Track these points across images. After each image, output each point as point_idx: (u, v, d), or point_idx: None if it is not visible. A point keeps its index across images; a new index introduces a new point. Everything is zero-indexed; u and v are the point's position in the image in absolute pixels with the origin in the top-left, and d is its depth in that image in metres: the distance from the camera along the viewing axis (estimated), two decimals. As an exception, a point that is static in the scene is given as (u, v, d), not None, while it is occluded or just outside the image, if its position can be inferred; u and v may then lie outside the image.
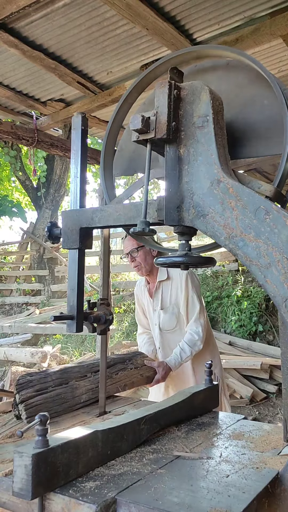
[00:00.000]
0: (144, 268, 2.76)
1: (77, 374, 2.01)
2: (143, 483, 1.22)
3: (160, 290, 2.80)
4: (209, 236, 1.32)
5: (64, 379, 1.93)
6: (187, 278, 2.70)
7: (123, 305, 9.40)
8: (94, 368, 2.10)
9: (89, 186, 13.88)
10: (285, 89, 1.45)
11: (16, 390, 1.80)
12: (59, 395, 1.85)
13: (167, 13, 3.10)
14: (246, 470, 1.31)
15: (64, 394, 1.87)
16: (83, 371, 2.05)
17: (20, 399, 1.76)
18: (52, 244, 11.23)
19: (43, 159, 11.18)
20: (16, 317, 9.80)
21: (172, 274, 2.76)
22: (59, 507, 1.15)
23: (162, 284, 2.80)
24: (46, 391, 1.83)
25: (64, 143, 4.90)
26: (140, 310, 3.01)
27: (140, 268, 2.77)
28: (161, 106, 1.35)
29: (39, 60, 3.61)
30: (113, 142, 1.91)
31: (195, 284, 2.74)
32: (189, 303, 2.71)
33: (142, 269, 2.77)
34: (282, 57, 3.86)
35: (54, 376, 1.92)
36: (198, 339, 2.61)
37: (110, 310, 1.77)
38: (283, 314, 1.16)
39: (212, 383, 2.00)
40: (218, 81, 1.65)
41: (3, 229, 23.68)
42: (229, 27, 3.28)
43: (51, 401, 1.81)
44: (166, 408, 1.68)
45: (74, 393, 1.91)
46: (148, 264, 2.75)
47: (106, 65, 3.81)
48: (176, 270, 2.66)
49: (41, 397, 1.79)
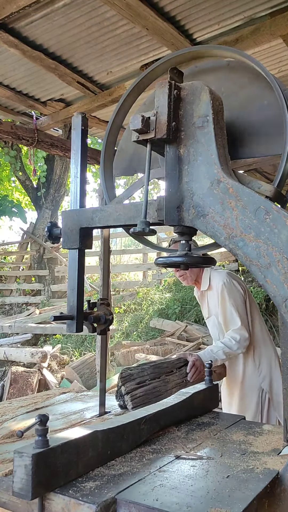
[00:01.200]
0: (189, 277, 2.68)
1: (166, 369, 2.18)
2: (143, 483, 1.22)
3: (205, 299, 2.74)
4: (209, 236, 1.32)
5: (157, 373, 2.09)
6: (222, 288, 2.57)
7: (123, 305, 9.40)
8: (177, 364, 2.30)
9: (89, 186, 13.87)
10: (285, 89, 1.45)
11: (121, 382, 1.97)
12: (155, 388, 2.01)
13: (167, 13, 3.10)
14: (246, 470, 1.31)
15: (159, 387, 2.03)
16: (170, 366, 2.22)
17: (126, 391, 1.93)
18: (52, 244, 11.23)
19: (43, 159, 11.18)
20: (16, 317, 9.80)
21: (213, 283, 2.65)
22: (59, 507, 1.15)
23: (207, 294, 2.72)
24: (144, 384, 1.99)
25: (64, 143, 4.90)
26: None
27: (186, 277, 2.69)
28: (161, 106, 1.35)
29: (39, 60, 3.61)
30: (113, 142, 1.91)
31: (233, 295, 2.57)
32: (227, 317, 2.57)
33: (187, 278, 2.69)
34: (282, 57, 3.85)
35: (149, 370, 2.08)
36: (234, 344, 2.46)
37: (110, 310, 1.77)
38: (283, 314, 1.16)
39: (212, 383, 2.00)
40: (218, 81, 1.65)
41: (3, 229, 23.66)
42: (229, 27, 3.28)
43: (150, 393, 1.97)
44: (166, 408, 1.68)
45: (167, 386, 2.08)
46: (194, 274, 2.67)
47: (106, 65, 3.81)
48: (216, 279, 2.61)
49: (142, 389, 1.96)
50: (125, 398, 1.94)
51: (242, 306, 2.59)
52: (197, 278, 2.71)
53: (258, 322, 2.68)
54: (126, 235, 2.18)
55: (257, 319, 2.69)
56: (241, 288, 2.63)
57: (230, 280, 2.60)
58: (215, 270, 2.70)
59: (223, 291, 2.57)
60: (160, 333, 7.71)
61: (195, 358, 2.32)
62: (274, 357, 2.70)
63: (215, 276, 2.63)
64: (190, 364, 2.29)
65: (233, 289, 2.59)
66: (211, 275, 2.65)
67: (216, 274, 2.64)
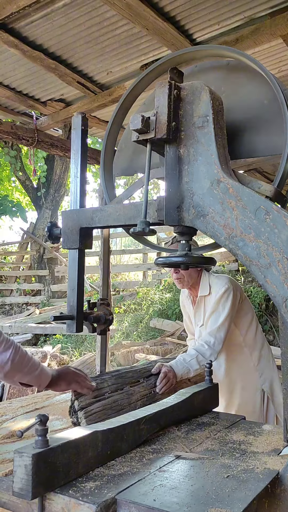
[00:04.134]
0: (186, 281, 2.55)
1: (130, 379, 1.92)
2: (143, 483, 1.22)
3: (202, 305, 2.60)
4: (209, 236, 1.33)
5: (119, 384, 1.85)
6: (222, 294, 2.47)
7: (123, 305, 9.40)
8: (146, 373, 2.03)
9: (89, 186, 13.88)
10: (285, 89, 1.45)
11: (74, 396, 1.71)
12: (116, 402, 1.77)
13: (167, 13, 3.10)
14: (246, 470, 1.31)
15: (120, 401, 1.79)
16: (136, 376, 1.97)
17: (80, 406, 1.67)
18: (52, 244, 11.23)
19: (43, 159, 11.19)
20: (16, 317, 9.80)
21: (213, 289, 2.54)
22: (59, 507, 1.15)
23: (205, 299, 2.58)
24: (103, 398, 1.75)
25: (64, 143, 4.90)
26: (187, 317, 2.84)
27: (182, 281, 2.56)
28: (161, 106, 1.35)
29: (39, 60, 3.60)
30: (113, 142, 1.91)
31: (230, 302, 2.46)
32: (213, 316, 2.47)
33: (184, 282, 2.56)
34: (282, 57, 3.85)
35: (110, 381, 1.84)
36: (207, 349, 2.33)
37: (110, 310, 1.76)
38: (283, 314, 1.16)
39: (212, 383, 2.00)
40: (218, 81, 1.65)
41: (3, 229, 23.67)
42: (229, 27, 3.28)
43: (109, 408, 1.73)
44: (166, 408, 1.68)
45: (130, 399, 1.84)
46: (192, 278, 2.55)
47: (106, 65, 3.81)
48: (217, 285, 2.50)
49: (99, 404, 1.72)
50: (78, 414, 1.67)
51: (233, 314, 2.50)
52: (194, 284, 2.59)
53: (255, 324, 2.66)
54: (126, 235, 2.18)
55: (254, 320, 2.67)
56: (239, 294, 2.57)
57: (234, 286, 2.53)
58: (214, 276, 2.60)
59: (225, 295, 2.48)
60: (160, 333, 7.72)
61: (167, 369, 2.11)
62: (272, 357, 2.70)
63: (216, 282, 2.53)
64: (161, 375, 2.06)
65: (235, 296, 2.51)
66: (211, 280, 2.55)
67: (217, 280, 2.54)
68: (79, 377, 1.68)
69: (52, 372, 1.62)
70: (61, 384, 1.63)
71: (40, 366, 1.56)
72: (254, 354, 2.61)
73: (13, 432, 1.70)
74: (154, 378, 2.03)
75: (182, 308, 2.87)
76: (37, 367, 1.54)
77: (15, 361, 1.46)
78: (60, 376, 1.64)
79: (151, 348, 6.41)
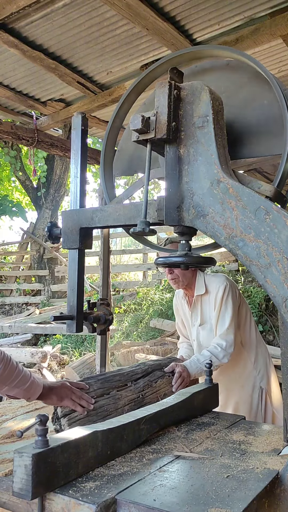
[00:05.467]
0: (181, 282, 2.55)
1: (117, 383, 1.85)
2: (143, 483, 1.22)
3: (198, 305, 2.61)
4: (209, 236, 1.33)
5: (105, 388, 1.78)
6: (225, 291, 2.49)
7: (123, 305, 9.40)
8: (134, 376, 1.95)
9: (89, 186, 13.87)
10: (285, 89, 1.45)
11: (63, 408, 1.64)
12: (102, 407, 1.70)
13: (167, 13, 3.10)
14: (246, 470, 1.31)
15: (107, 406, 1.72)
16: (123, 379, 1.89)
17: (63, 412, 1.61)
18: (52, 244, 11.23)
19: (43, 159, 11.18)
20: (16, 317, 9.80)
21: (210, 288, 2.56)
22: (59, 507, 1.15)
23: (201, 299, 2.59)
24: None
25: (64, 143, 4.90)
26: (180, 321, 2.84)
27: (177, 281, 2.56)
28: (161, 106, 1.35)
29: (39, 60, 3.61)
30: (113, 142, 1.91)
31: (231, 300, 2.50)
32: (219, 319, 2.49)
33: (179, 282, 2.56)
34: (282, 57, 3.85)
35: (96, 386, 1.76)
36: (220, 351, 2.37)
37: (110, 310, 1.76)
38: (283, 314, 1.16)
39: (212, 383, 2.00)
40: (218, 81, 1.65)
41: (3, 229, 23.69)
42: (229, 27, 3.28)
43: (94, 414, 1.66)
44: (166, 408, 1.68)
45: (117, 404, 1.77)
46: (186, 278, 2.55)
47: (106, 65, 3.81)
48: (214, 283, 2.52)
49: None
50: (61, 421, 1.60)
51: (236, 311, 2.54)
52: (189, 284, 2.59)
53: (253, 323, 2.68)
54: (126, 235, 2.17)
55: (249, 317, 2.69)
56: (236, 291, 2.59)
57: (231, 284, 2.55)
58: (209, 275, 2.61)
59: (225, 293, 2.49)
60: (160, 333, 7.71)
61: (181, 368, 2.17)
62: (268, 356, 2.72)
63: (213, 280, 2.54)
64: (176, 375, 2.13)
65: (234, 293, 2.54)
66: (206, 279, 2.56)
67: (213, 278, 2.55)
68: (74, 394, 1.63)
69: (45, 384, 1.58)
70: (53, 398, 1.59)
71: (31, 380, 1.52)
72: (251, 351, 2.63)
73: (13, 432, 1.70)
74: (142, 381, 1.96)
75: (175, 311, 2.86)
76: (26, 381, 1.50)
77: (3, 375, 1.45)
78: (52, 389, 1.59)
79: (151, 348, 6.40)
